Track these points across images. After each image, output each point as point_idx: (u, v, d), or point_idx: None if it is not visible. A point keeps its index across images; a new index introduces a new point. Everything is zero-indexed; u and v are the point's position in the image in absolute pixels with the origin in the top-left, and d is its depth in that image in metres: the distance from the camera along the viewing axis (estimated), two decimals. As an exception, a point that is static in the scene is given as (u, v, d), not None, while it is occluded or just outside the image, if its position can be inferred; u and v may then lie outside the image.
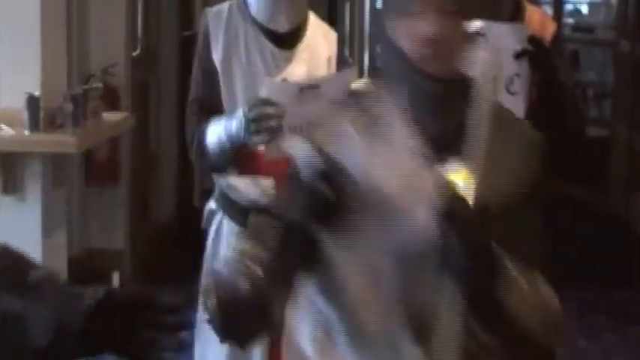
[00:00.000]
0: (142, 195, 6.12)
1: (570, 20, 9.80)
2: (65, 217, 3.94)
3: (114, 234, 5.71)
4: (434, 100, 1.85)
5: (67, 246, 4.21)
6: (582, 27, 9.83)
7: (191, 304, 3.21)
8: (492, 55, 2.65)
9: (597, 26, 9.61)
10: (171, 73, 6.59)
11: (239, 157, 2.92)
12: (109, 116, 4.07)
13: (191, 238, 3.63)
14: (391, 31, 1.81)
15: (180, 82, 6.43)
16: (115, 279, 5.58)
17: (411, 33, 1.81)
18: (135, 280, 5.63)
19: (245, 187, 3.00)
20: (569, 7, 10.00)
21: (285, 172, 2.95)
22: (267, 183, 2.99)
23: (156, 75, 6.37)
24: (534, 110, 2.79)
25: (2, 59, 3.66)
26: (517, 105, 2.73)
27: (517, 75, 2.77)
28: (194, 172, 6.76)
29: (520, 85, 2.79)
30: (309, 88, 2.84)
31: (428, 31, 1.79)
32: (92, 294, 1.63)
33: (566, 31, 8.97)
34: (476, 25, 2.54)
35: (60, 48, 3.82)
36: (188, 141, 3.11)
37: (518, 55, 2.74)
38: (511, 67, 2.77)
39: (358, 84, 2.30)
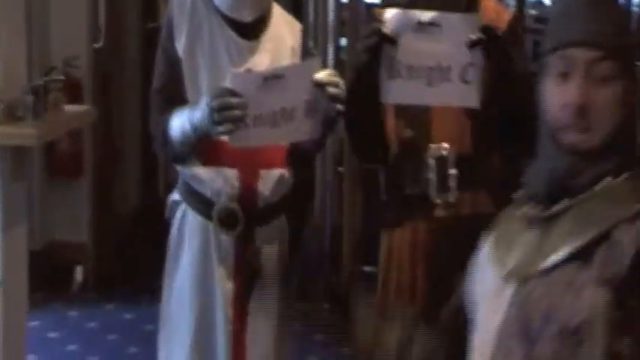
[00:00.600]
0: (106, 187, 6.18)
1: (532, 12, 9.99)
2: (26, 211, 3.93)
3: (77, 227, 5.77)
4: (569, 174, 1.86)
5: (29, 239, 4.20)
6: (544, 18, 9.83)
7: (155, 295, 3.36)
8: (446, 44, 2.81)
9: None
10: (134, 65, 6.60)
11: (203, 147, 2.97)
12: (71, 108, 4.06)
13: (156, 229, 3.63)
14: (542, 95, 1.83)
15: (143, 75, 6.42)
16: (79, 272, 5.67)
17: (557, 99, 1.85)
18: (98, 272, 5.68)
19: (209, 177, 3.05)
20: (531, -1, 10.27)
21: (249, 161, 2.97)
22: (231, 173, 3.01)
23: (119, 67, 6.38)
24: (488, 97, 2.84)
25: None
26: (471, 93, 2.82)
27: (471, 64, 2.81)
28: (158, 163, 6.79)
29: (474, 74, 2.82)
30: (273, 78, 2.84)
31: (573, 96, 1.79)
32: None
33: (529, 23, 9.12)
34: (429, 15, 2.77)
35: (19, 39, 3.79)
36: (151, 131, 3.14)
37: (472, 45, 2.77)
38: (465, 56, 2.81)
39: None
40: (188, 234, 3.17)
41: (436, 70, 2.85)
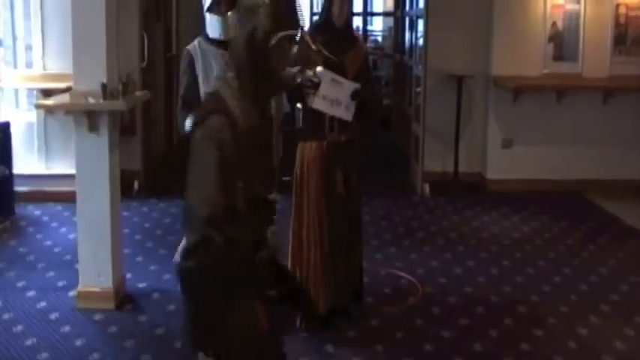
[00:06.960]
0: (148, 139, 6.30)
1: (372, 44, 10.50)
2: (117, 145, 3.91)
3: (133, 160, 5.87)
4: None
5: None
6: (378, 47, 10.48)
7: (175, 191, 3.51)
8: (342, 93, 3.29)
9: (385, 47, 10.10)
10: (160, 76, 6.80)
11: None
12: (137, 93, 4.15)
13: (178, 161, 3.38)
14: None
15: (165, 80, 6.77)
16: (135, 184, 5.92)
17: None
18: (146, 188, 5.93)
19: None
20: (372, 37, 10.77)
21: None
22: None
23: (153, 76, 6.54)
24: (357, 114, 3.41)
25: (85, 62, 3.68)
26: (349, 113, 3.38)
27: (350, 102, 3.36)
28: (173, 128, 6.86)
29: (351, 106, 3.37)
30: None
31: None
32: None
33: (370, 49, 9.47)
34: (337, 76, 3.22)
35: (114, 57, 3.83)
36: (178, 123, 3.25)
37: (351, 95, 3.36)
38: (348, 98, 3.35)
39: None
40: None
41: (335, 101, 3.31)
